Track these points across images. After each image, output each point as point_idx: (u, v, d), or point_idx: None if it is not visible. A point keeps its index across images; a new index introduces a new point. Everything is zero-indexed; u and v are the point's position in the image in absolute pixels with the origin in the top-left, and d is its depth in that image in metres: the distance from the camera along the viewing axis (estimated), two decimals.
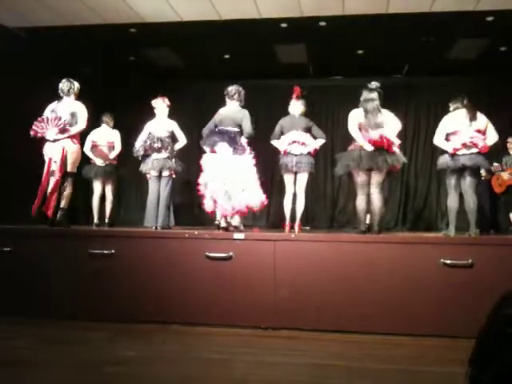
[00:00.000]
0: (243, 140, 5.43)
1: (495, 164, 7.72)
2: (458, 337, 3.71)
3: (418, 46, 7.57)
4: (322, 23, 6.78)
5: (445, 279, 4.24)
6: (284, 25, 6.85)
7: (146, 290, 4.62)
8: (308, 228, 7.65)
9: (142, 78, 8.96)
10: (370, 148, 5.02)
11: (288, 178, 6.01)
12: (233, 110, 5.55)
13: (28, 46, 7.18)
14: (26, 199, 5.54)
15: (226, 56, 8.26)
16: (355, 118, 5.24)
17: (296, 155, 5.84)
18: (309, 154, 5.91)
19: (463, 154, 5.09)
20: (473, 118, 5.15)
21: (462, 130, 5.13)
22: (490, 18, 6.49)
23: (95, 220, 6.83)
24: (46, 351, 3.66)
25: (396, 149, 5.19)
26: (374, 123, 5.12)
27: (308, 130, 6.00)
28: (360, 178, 5.19)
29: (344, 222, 8.97)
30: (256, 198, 5.20)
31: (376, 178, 5.16)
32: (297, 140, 5.85)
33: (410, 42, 7.39)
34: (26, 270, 4.79)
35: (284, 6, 6.28)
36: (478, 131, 5.10)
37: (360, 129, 5.18)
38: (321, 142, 6.07)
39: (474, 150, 5.07)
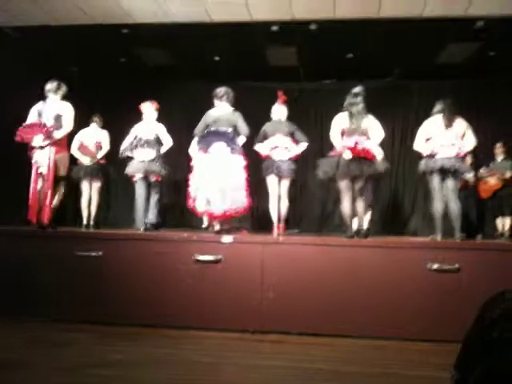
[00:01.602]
0: (240, 141, 5.45)
1: (482, 169, 7.79)
2: (445, 341, 3.72)
3: (408, 50, 7.61)
4: (313, 26, 6.79)
5: (432, 284, 4.26)
6: (275, 28, 6.86)
7: (134, 292, 4.59)
8: (297, 231, 7.66)
9: (131, 79, 8.92)
10: (348, 156, 5.03)
11: (271, 182, 6.11)
12: (225, 112, 5.52)
13: (16, 46, 7.12)
14: (12, 200, 5.50)
15: (217, 58, 8.25)
16: (339, 123, 5.28)
17: (277, 160, 5.98)
18: (290, 159, 6.04)
19: (442, 158, 5.18)
20: (450, 123, 5.25)
21: (440, 134, 5.24)
22: (479, 23, 6.55)
23: (84, 221, 6.80)
24: (32, 353, 3.63)
25: (378, 156, 5.25)
26: (358, 129, 5.15)
27: (291, 134, 6.12)
28: (343, 183, 5.18)
29: (333, 226, 8.98)
30: (241, 202, 5.17)
31: (359, 184, 5.18)
32: (279, 145, 5.97)
33: (400, 46, 7.42)
34: (12, 272, 4.73)
35: (275, 9, 6.29)
36: (456, 135, 5.23)
37: (343, 134, 5.20)
38: (303, 146, 6.17)
39: (453, 153, 5.16)
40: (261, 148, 6.11)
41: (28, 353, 3.62)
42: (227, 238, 4.62)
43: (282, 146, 5.98)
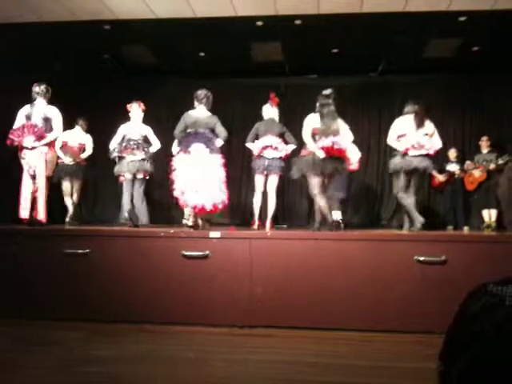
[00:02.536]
0: (218, 143, 5.54)
1: (467, 162, 7.88)
2: (432, 332, 3.76)
3: (392, 45, 7.63)
4: (298, 22, 6.80)
5: (418, 275, 4.29)
6: (259, 23, 6.86)
7: (122, 289, 4.56)
8: (285, 226, 7.72)
9: (115, 77, 8.85)
10: (322, 155, 5.15)
11: (259, 179, 6.38)
12: (204, 115, 5.62)
13: None
14: (2, 199, 5.46)
15: (201, 54, 8.22)
16: (310, 123, 5.38)
17: (268, 159, 6.23)
18: (280, 157, 6.27)
19: (414, 156, 5.40)
20: (420, 124, 5.49)
21: (411, 133, 5.45)
22: (462, 18, 6.60)
23: (68, 218, 6.85)
24: (20, 352, 3.59)
25: (355, 155, 5.37)
26: (329, 129, 5.24)
27: (281, 135, 6.34)
28: (316, 180, 5.32)
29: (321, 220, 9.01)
30: (220, 197, 5.27)
31: (330, 180, 5.45)
32: (270, 145, 6.19)
33: (384, 40, 7.45)
34: None
35: (259, 5, 6.29)
36: (426, 135, 5.45)
37: (314, 134, 5.31)
38: (292, 147, 6.36)
39: (424, 152, 5.40)
40: (252, 146, 6.34)
41: (15, 352, 3.59)
42: (215, 234, 4.63)
43: (272, 145, 6.19)
